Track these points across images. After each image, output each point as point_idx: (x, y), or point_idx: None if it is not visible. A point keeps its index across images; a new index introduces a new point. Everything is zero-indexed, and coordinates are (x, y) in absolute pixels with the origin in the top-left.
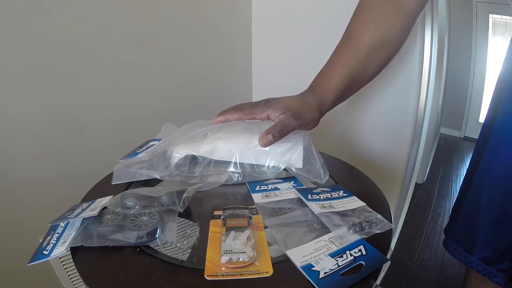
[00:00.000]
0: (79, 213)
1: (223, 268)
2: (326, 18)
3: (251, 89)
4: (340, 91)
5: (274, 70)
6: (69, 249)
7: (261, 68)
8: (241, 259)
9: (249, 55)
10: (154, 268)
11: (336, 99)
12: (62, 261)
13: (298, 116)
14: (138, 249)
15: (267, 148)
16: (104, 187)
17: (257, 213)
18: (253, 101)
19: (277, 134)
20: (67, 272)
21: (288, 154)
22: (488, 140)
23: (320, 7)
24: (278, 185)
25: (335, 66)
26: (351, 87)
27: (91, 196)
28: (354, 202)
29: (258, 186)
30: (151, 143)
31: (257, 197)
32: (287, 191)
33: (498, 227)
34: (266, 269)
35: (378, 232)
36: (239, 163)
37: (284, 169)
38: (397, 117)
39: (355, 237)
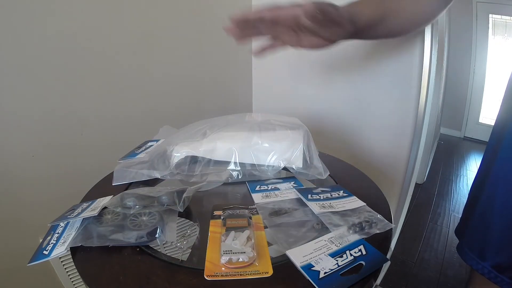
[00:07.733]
0: (79, 213)
1: (223, 268)
2: None
3: (251, 89)
4: (373, 17)
5: (274, 69)
6: (69, 249)
7: (261, 68)
8: (240, 259)
9: (249, 55)
10: (154, 268)
11: (369, 21)
12: (62, 261)
13: (336, 7)
14: (138, 249)
15: (266, 145)
16: (104, 187)
17: (257, 213)
18: (253, 100)
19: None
20: (67, 272)
21: (288, 153)
22: (501, 145)
23: None
24: (278, 185)
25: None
26: (383, 22)
27: (91, 196)
28: (354, 202)
29: (258, 186)
30: (149, 143)
31: (257, 197)
32: (287, 191)
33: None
34: (266, 269)
35: (378, 232)
36: (239, 162)
37: (284, 168)
38: (397, 117)
39: (355, 237)
